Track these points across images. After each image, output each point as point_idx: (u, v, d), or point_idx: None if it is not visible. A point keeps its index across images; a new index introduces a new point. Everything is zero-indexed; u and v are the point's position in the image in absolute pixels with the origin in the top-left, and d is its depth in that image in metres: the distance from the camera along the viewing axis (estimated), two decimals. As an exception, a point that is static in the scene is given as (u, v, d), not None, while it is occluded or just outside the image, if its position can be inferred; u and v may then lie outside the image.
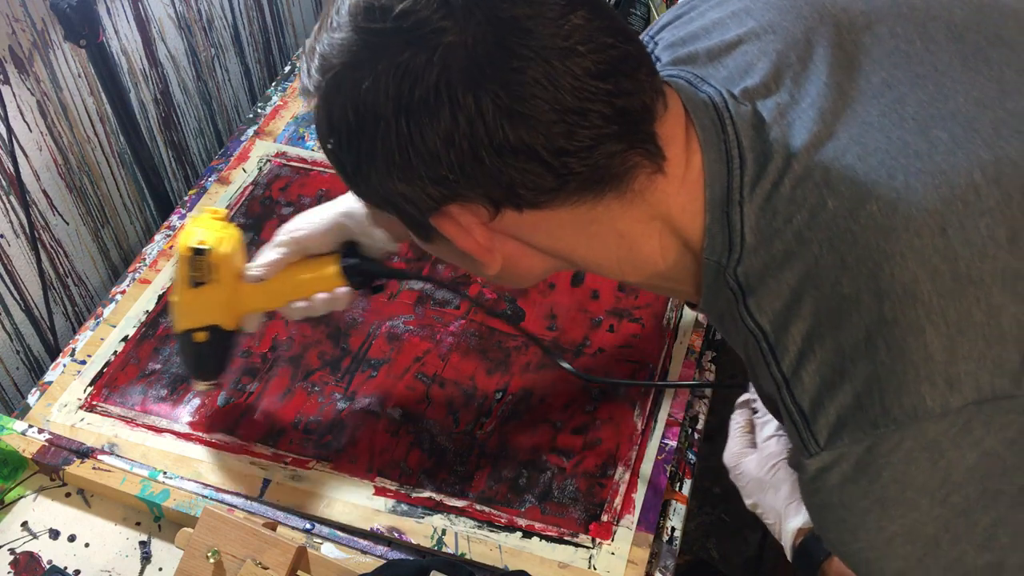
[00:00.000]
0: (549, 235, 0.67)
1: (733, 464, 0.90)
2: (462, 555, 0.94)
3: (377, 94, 0.59)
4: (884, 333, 0.59)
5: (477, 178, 0.61)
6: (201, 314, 0.95)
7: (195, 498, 0.97)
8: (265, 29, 1.65)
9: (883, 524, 0.62)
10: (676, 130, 0.65)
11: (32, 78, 1.15)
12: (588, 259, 0.70)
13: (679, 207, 0.66)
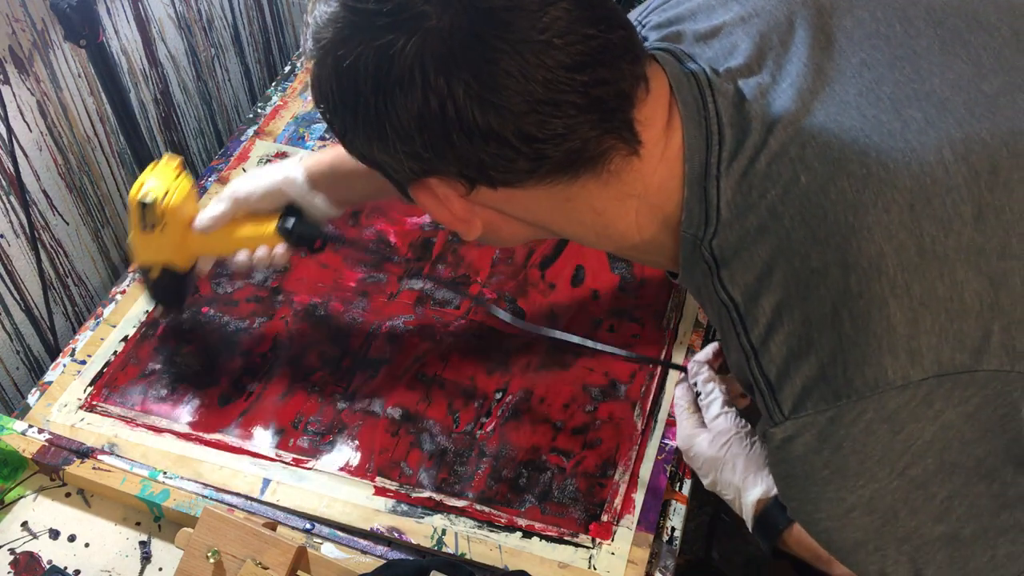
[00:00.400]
0: (526, 209, 0.69)
1: (687, 446, 0.90)
2: (462, 555, 0.94)
3: (357, 71, 0.61)
4: (849, 305, 0.60)
5: (449, 157, 0.63)
6: (152, 254, 1.03)
7: (195, 498, 0.97)
8: (265, 29, 1.65)
9: (843, 495, 0.63)
10: (657, 111, 0.66)
11: (32, 78, 1.15)
12: (566, 231, 0.72)
13: (656, 185, 0.67)
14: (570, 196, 0.66)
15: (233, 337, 1.13)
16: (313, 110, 1.43)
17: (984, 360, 0.59)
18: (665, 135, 0.66)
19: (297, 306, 1.16)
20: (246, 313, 1.16)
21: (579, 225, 0.70)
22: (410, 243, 1.23)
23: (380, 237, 1.24)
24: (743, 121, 0.65)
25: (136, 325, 1.15)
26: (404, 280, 1.19)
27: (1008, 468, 0.62)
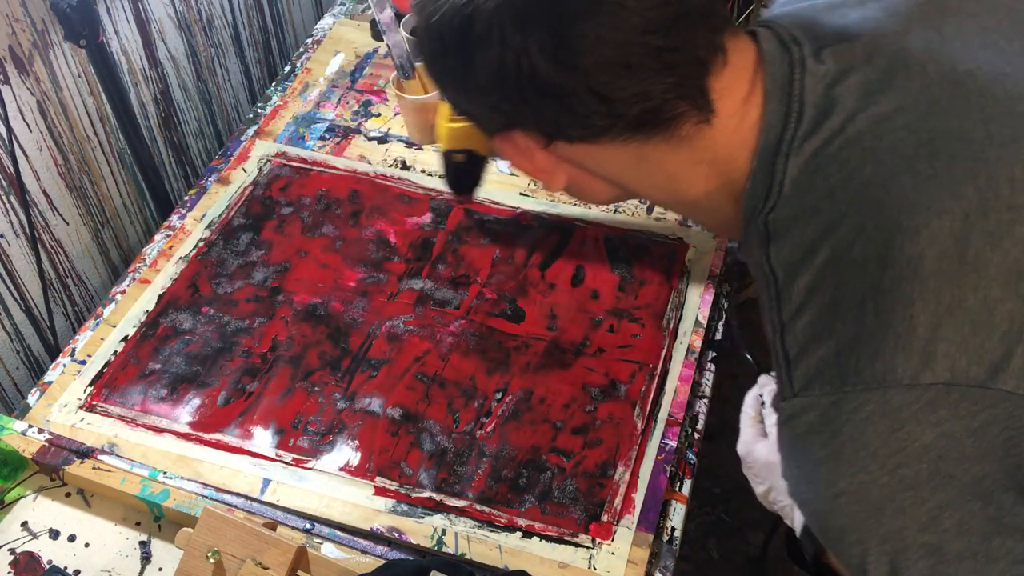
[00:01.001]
0: (602, 166, 0.71)
1: (745, 452, 0.90)
2: (462, 555, 0.94)
3: (443, 27, 0.66)
4: (877, 299, 0.61)
5: (525, 112, 0.66)
6: (462, 140, 1.08)
7: (195, 498, 0.97)
8: (265, 29, 1.65)
9: (834, 479, 0.64)
10: (737, 82, 0.67)
11: (32, 78, 1.15)
12: (641, 190, 0.75)
13: (727, 154, 0.69)
14: (643, 156, 0.68)
15: (233, 337, 1.13)
16: (313, 110, 1.43)
17: (1000, 379, 0.59)
18: (743, 107, 0.68)
19: (297, 306, 1.16)
20: (246, 313, 1.16)
21: (652, 186, 0.73)
22: (410, 243, 1.23)
23: (380, 237, 1.24)
24: (828, 103, 0.66)
25: (136, 325, 1.15)
26: (404, 280, 1.19)
27: (1008, 495, 0.62)
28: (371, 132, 1.39)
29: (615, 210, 1.26)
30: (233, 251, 1.23)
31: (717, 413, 1.98)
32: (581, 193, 0.78)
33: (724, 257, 1.21)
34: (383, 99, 1.45)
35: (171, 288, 1.19)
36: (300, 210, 1.27)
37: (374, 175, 1.32)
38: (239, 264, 1.21)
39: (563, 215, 1.26)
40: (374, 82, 1.48)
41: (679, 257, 1.20)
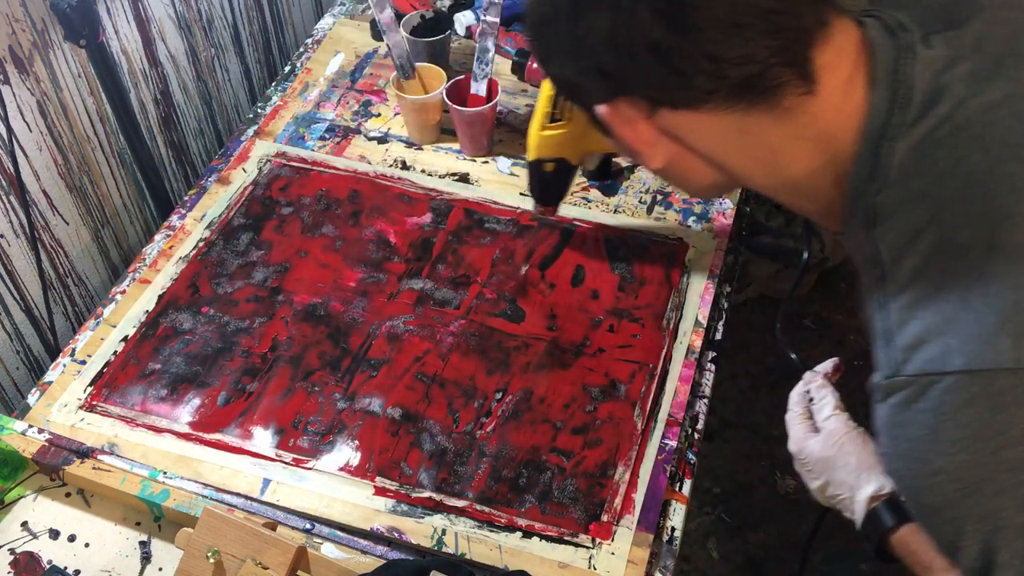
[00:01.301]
0: (703, 139, 0.71)
1: (798, 449, 0.90)
2: (462, 555, 0.94)
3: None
4: (982, 284, 0.62)
5: (635, 76, 0.66)
6: (554, 148, 1.07)
7: (195, 498, 0.97)
8: (265, 29, 1.65)
9: (932, 457, 0.65)
10: (841, 61, 0.68)
11: (32, 78, 1.15)
12: (739, 169, 0.74)
13: (831, 133, 0.69)
14: (745, 128, 0.69)
15: (233, 337, 1.13)
16: (313, 110, 1.43)
17: None
18: (846, 87, 0.68)
19: (297, 306, 1.16)
20: (246, 313, 1.16)
21: (753, 162, 0.72)
22: (410, 243, 1.23)
23: (380, 237, 1.24)
24: (937, 90, 0.67)
25: (136, 325, 1.15)
26: (404, 280, 1.19)
27: None
28: (371, 132, 1.39)
29: (615, 210, 1.27)
30: (233, 251, 1.23)
31: (717, 413, 1.99)
32: (680, 175, 0.77)
33: (724, 257, 1.21)
34: (383, 99, 1.45)
35: (171, 288, 1.19)
36: (300, 210, 1.27)
37: (374, 175, 1.32)
38: (239, 264, 1.21)
39: (563, 215, 1.26)
40: (374, 82, 1.48)
41: (679, 257, 1.20)
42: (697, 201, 1.28)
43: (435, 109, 1.34)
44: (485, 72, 1.31)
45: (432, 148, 1.37)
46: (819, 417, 0.90)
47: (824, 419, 0.89)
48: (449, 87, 1.31)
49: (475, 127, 1.31)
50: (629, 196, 1.29)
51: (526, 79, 1.45)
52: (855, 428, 0.88)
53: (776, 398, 2.19)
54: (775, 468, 1.91)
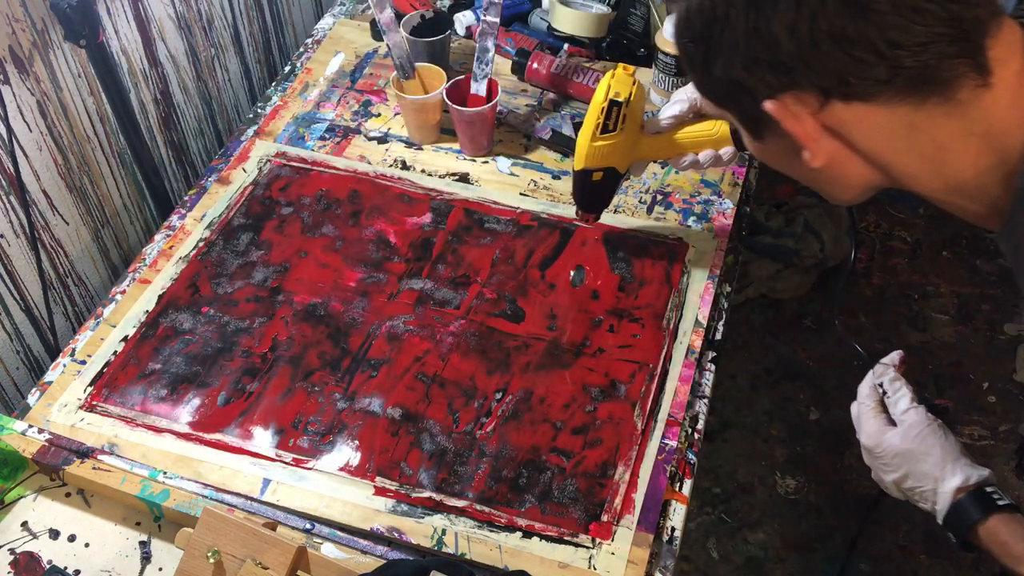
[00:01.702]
0: (870, 134, 0.70)
1: (874, 443, 0.89)
2: (462, 555, 0.94)
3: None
4: None
5: (813, 66, 0.66)
6: (602, 157, 1.07)
7: (195, 498, 0.97)
8: (265, 29, 1.65)
9: None
10: (1011, 56, 0.68)
11: (32, 78, 1.15)
12: (901, 167, 0.73)
13: (1001, 129, 0.68)
14: (915, 124, 0.68)
15: (233, 337, 1.13)
16: (313, 110, 1.43)
17: None
18: (1018, 82, 0.68)
19: (297, 306, 1.16)
20: (246, 313, 1.16)
21: (918, 159, 0.71)
22: (410, 243, 1.23)
23: (380, 237, 1.24)
24: None
25: (136, 325, 1.15)
26: (404, 280, 1.19)
27: None
28: (371, 132, 1.39)
29: (615, 210, 1.27)
30: (233, 251, 1.23)
31: (717, 413, 1.99)
32: (836, 176, 0.76)
33: (724, 257, 1.21)
34: (383, 99, 1.45)
35: (171, 288, 1.19)
36: (300, 210, 1.27)
37: (374, 175, 1.32)
38: (239, 264, 1.21)
39: (563, 215, 1.26)
40: (374, 82, 1.48)
41: (679, 257, 1.20)
42: (697, 201, 1.28)
43: (435, 109, 1.34)
44: (485, 72, 1.31)
45: (432, 148, 1.37)
46: (896, 410, 0.89)
47: (902, 412, 0.88)
48: (449, 87, 1.31)
49: (475, 127, 1.31)
50: (629, 196, 1.29)
51: (526, 79, 1.45)
52: (935, 420, 0.87)
53: (776, 398, 2.21)
54: (775, 468, 1.91)
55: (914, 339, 2.10)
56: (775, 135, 0.73)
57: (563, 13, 1.45)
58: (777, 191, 2.26)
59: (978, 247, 2.29)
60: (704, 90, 0.76)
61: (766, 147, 0.76)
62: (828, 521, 1.83)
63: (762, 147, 0.77)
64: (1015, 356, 2.07)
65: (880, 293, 2.21)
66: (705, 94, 0.76)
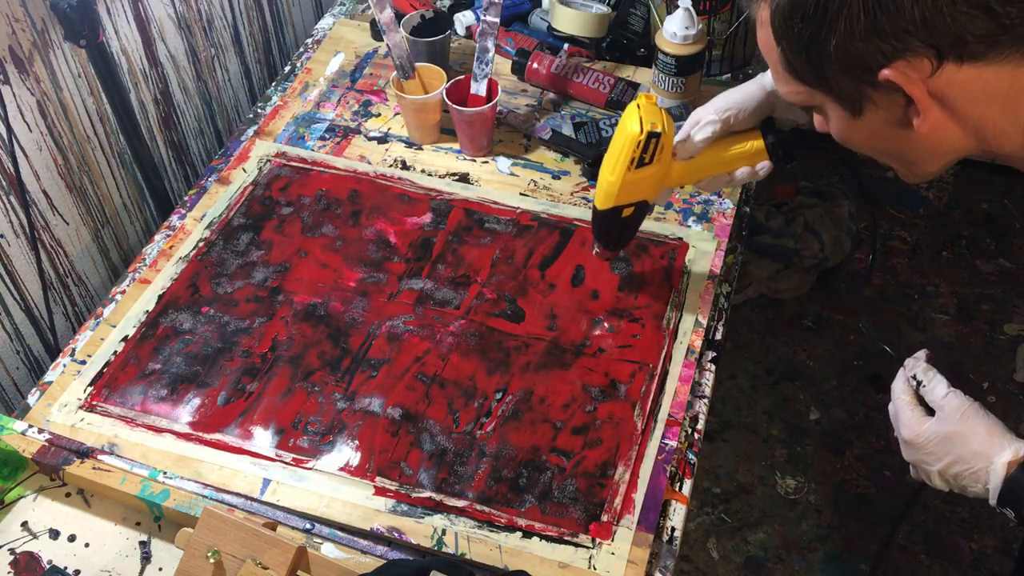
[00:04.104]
0: (974, 98, 0.72)
1: (914, 434, 0.88)
2: (462, 555, 0.94)
3: None
4: None
5: (935, 28, 0.68)
6: (636, 192, 1.03)
7: (195, 498, 0.97)
8: (265, 29, 1.65)
9: None
10: None
11: (32, 78, 1.15)
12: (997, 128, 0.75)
13: None
14: (1016, 80, 0.70)
15: (233, 337, 1.13)
16: (313, 110, 1.43)
17: None
18: None
19: (297, 306, 1.16)
20: (246, 313, 1.16)
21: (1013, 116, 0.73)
22: (410, 243, 1.23)
23: (380, 237, 1.24)
24: None
25: (136, 325, 1.15)
26: (404, 280, 1.19)
27: None
28: (371, 132, 1.39)
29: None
30: (233, 251, 1.23)
31: (717, 413, 1.99)
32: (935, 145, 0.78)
33: (724, 257, 1.21)
34: (383, 99, 1.45)
35: (171, 288, 1.19)
36: (300, 210, 1.27)
37: (374, 175, 1.32)
38: (239, 264, 1.21)
39: (563, 215, 1.26)
40: (374, 82, 1.48)
41: (679, 257, 1.20)
42: (697, 201, 1.28)
43: (435, 109, 1.34)
44: (485, 72, 1.31)
45: (432, 148, 1.37)
46: (934, 397, 0.88)
47: (942, 397, 0.88)
48: (449, 87, 1.31)
49: (475, 127, 1.31)
50: (629, 196, 1.29)
51: (526, 79, 1.45)
52: (974, 402, 0.87)
53: (776, 398, 2.21)
54: (775, 468, 1.91)
55: (914, 339, 2.10)
56: (877, 108, 0.75)
57: (563, 13, 1.45)
58: (777, 191, 2.26)
59: (978, 247, 2.29)
60: (801, 74, 0.77)
61: (861, 124, 0.78)
62: (828, 521, 1.83)
63: (856, 125, 0.78)
64: (1015, 356, 2.07)
65: (880, 293, 2.21)
66: (801, 78, 0.77)
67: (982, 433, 0.84)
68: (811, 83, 0.77)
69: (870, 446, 1.93)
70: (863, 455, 1.91)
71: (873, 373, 2.03)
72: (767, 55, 0.80)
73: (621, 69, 1.46)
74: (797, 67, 0.77)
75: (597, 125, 1.35)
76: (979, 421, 0.85)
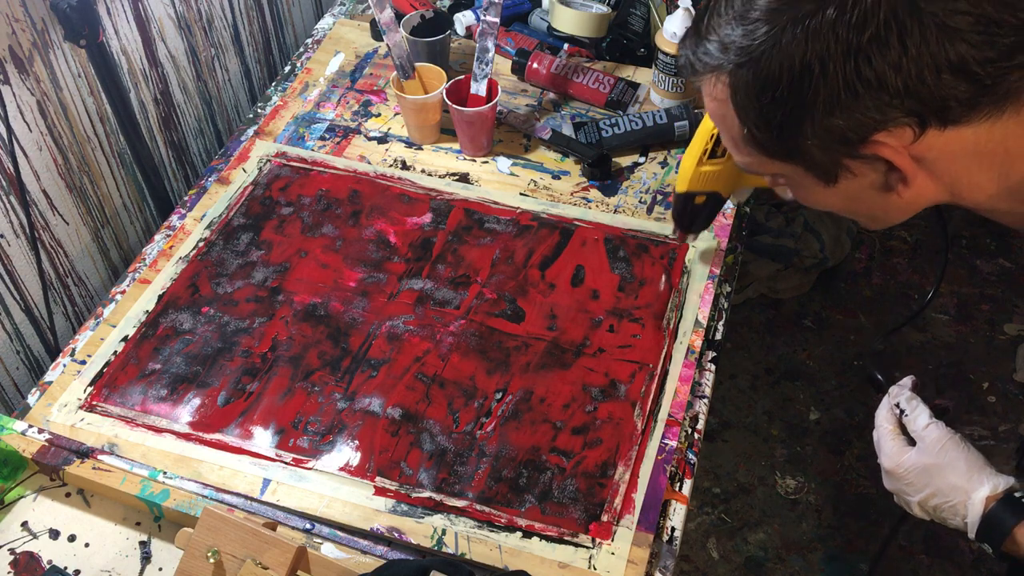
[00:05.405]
0: (953, 157, 0.71)
1: (895, 464, 0.88)
2: (462, 555, 0.94)
3: (825, 42, 0.65)
4: None
5: (918, 97, 0.66)
6: (706, 182, 1.07)
7: (195, 498, 0.97)
8: (265, 29, 1.65)
9: None
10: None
11: (32, 78, 1.15)
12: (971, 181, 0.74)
13: None
14: (992, 137, 0.70)
15: (233, 337, 1.13)
16: (313, 110, 1.43)
17: None
18: None
19: (297, 306, 1.16)
20: (246, 313, 1.16)
21: (988, 169, 0.72)
22: (410, 243, 1.23)
23: (380, 237, 1.24)
24: None
25: (136, 325, 1.15)
26: (404, 280, 1.19)
27: None
28: (371, 132, 1.39)
29: (615, 210, 1.27)
30: (233, 251, 1.23)
31: (717, 413, 1.99)
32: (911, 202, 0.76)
33: (724, 257, 1.21)
34: (383, 99, 1.45)
35: (171, 288, 1.19)
36: (300, 210, 1.27)
37: (374, 175, 1.32)
38: (239, 264, 1.21)
39: (563, 215, 1.26)
40: (374, 82, 1.48)
41: (679, 257, 1.20)
42: (697, 201, 1.28)
43: (435, 109, 1.34)
44: (485, 72, 1.31)
45: (432, 148, 1.37)
46: (916, 427, 0.88)
47: (923, 428, 0.87)
48: (449, 87, 1.31)
49: (475, 127, 1.31)
50: (629, 196, 1.29)
51: (526, 79, 1.45)
52: (955, 433, 0.86)
53: (776, 398, 2.20)
54: (775, 468, 1.91)
55: (914, 339, 2.10)
56: (854, 176, 0.72)
57: (563, 13, 1.45)
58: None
59: (978, 247, 2.29)
60: (768, 149, 0.74)
61: (835, 191, 0.75)
62: (828, 521, 1.83)
63: (829, 192, 0.75)
64: (1015, 356, 2.07)
65: (880, 293, 2.21)
66: (768, 153, 0.74)
67: (961, 467, 0.84)
68: (779, 157, 0.74)
69: (870, 446, 1.92)
70: (863, 455, 1.91)
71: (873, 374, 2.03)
72: (722, 128, 0.77)
73: (621, 69, 1.46)
74: (763, 143, 0.74)
75: (597, 125, 1.35)
76: (959, 454, 0.84)
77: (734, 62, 0.70)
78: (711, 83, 0.73)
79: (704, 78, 0.73)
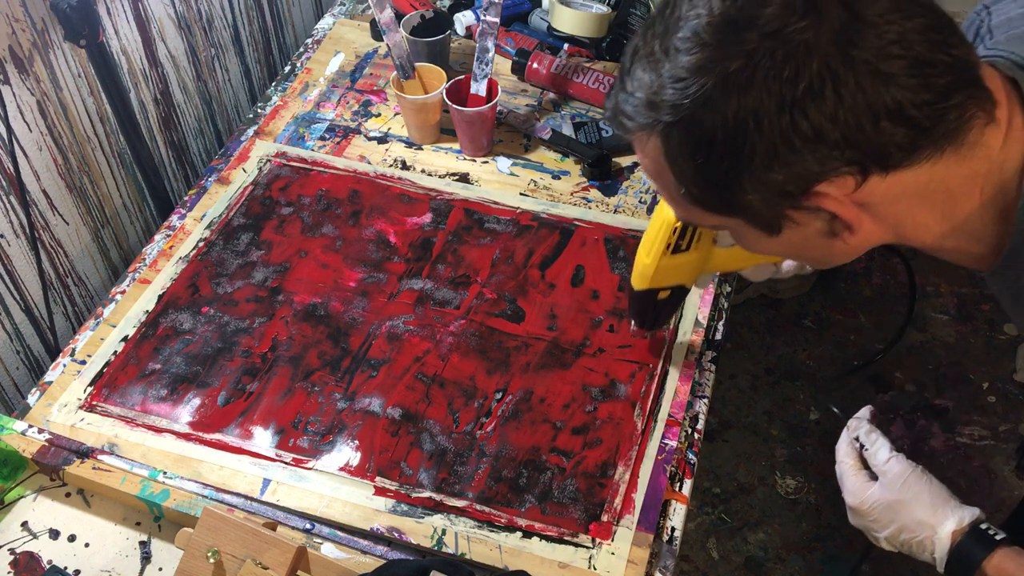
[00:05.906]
0: (895, 200, 0.70)
1: (859, 501, 0.86)
2: (462, 555, 0.94)
3: (758, 97, 0.63)
4: None
5: (858, 146, 0.65)
6: (671, 276, 0.99)
7: (195, 498, 0.97)
8: (265, 29, 1.65)
9: None
10: (996, 92, 0.69)
11: (32, 78, 1.15)
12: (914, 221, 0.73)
13: (1000, 163, 0.70)
14: (932, 177, 0.69)
15: (233, 337, 1.13)
16: (313, 110, 1.43)
17: None
18: (1008, 115, 0.69)
19: (297, 306, 1.16)
20: (246, 313, 1.16)
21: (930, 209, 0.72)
22: (410, 243, 1.23)
23: (380, 237, 1.24)
24: None
25: (136, 325, 1.15)
26: (404, 280, 1.19)
27: None
28: (371, 132, 1.39)
29: (615, 210, 1.27)
30: (233, 251, 1.23)
31: (717, 413, 1.99)
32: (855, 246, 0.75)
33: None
34: (383, 99, 1.45)
35: (171, 288, 1.19)
36: (300, 210, 1.27)
37: (374, 175, 1.32)
38: (239, 264, 1.21)
39: (563, 215, 1.26)
40: (374, 82, 1.48)
41: (679, 257, 1.20)
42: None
43: (435, 109, 1.34)
44: (485, 72, 1.31)
45: (432, 148, 1.37)
46: (876, 462, 0.87)
47: (883, 463, 0.86)
48: (449, 87, 1.31)
49: (475, 127, 1.31)
50: (629, 196, 1.29)
51: (526, 79, 1.45)
52: (916, 467, 0.85)
53: (776, 398, 2.20)
54: (775, 468, 1.91)
55: (914, 339, 2.10)
56: (797, 226, 0.71)
57: (563, 13, 1.45)
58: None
59: (978, 247, 2.29)
60: (707, 204, 0.72)
61: (779, 240, 0.73)
62: (828, 521, 1.83)
63: (773, 241, 0.74)
64: (1015, 356, 2.07)
65: (880, 293, 2.21)
66: (707, 207, 0.72)
67: (925, 501, 0.83)
68: (719, 212, 0.73)
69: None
70: (863, 455, 1.91)
71: (874, 373, 2.03)
72: (659, 185, 0.75)
73: (621, 69, 1.46)
74: (701, 200, 0.72)
75: (597, 125, 1.35)
76: (922, 488, 0.83)
77: (664, 121, 0.67)
78: (642, 140, 0.70)
79: (634, 135, 0.71)
